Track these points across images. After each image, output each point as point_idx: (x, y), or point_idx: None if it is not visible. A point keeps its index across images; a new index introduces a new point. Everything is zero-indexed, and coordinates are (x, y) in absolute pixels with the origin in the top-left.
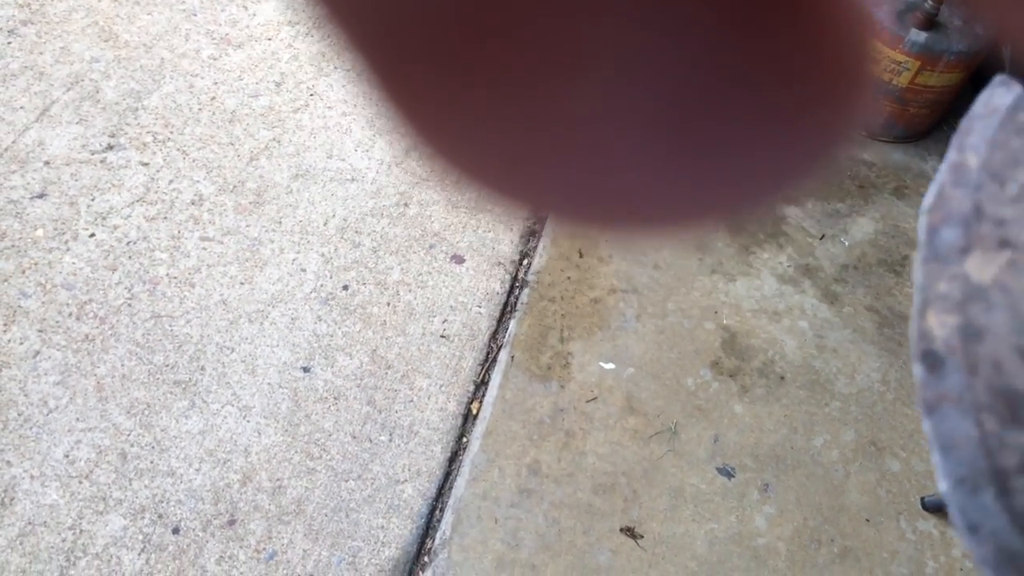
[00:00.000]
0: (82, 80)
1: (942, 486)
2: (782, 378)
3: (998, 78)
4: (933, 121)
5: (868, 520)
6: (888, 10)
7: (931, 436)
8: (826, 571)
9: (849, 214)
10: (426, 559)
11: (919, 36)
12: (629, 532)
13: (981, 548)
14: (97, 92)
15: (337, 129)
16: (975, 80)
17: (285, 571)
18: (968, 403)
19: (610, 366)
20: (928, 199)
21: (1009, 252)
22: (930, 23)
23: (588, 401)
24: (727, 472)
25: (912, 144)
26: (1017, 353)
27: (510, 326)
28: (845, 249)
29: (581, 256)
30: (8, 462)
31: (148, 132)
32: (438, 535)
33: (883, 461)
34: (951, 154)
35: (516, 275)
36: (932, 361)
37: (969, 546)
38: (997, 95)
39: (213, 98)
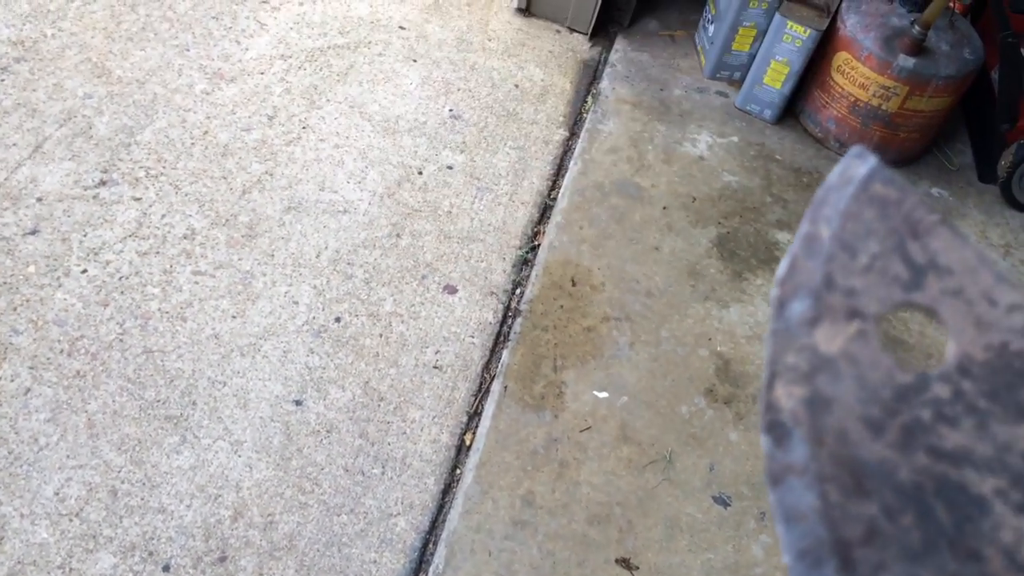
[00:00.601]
0: (75, 116)
1: (785, 559)
2: None
3: (854, 149)
4: (924, 145)
5: None
6: (877, 36)
7: (775, 509)
8: None
9: None
10: None
11: (907, 62)
12: (624, 563)
13: None
14: (90, 128)
15: (329, 161)
16: (964, 103)
17: None
18: (813, 474)
19: (604, 395)
20: (780, 270)
21: (858, 322)
22: (918, 49)
23: (582, 431)
24: (723, 501)
25: (903, 168)
26: (863, 422)
27: (503, 356)
28: None
29: (574, 284)
30: None
31: (141, 167)
32: (431, 569)
33: None
34: (804, 225)
35: (509, 304)
36: (779, 433)
37: None
38: (852, 166)
39: (206, 132)
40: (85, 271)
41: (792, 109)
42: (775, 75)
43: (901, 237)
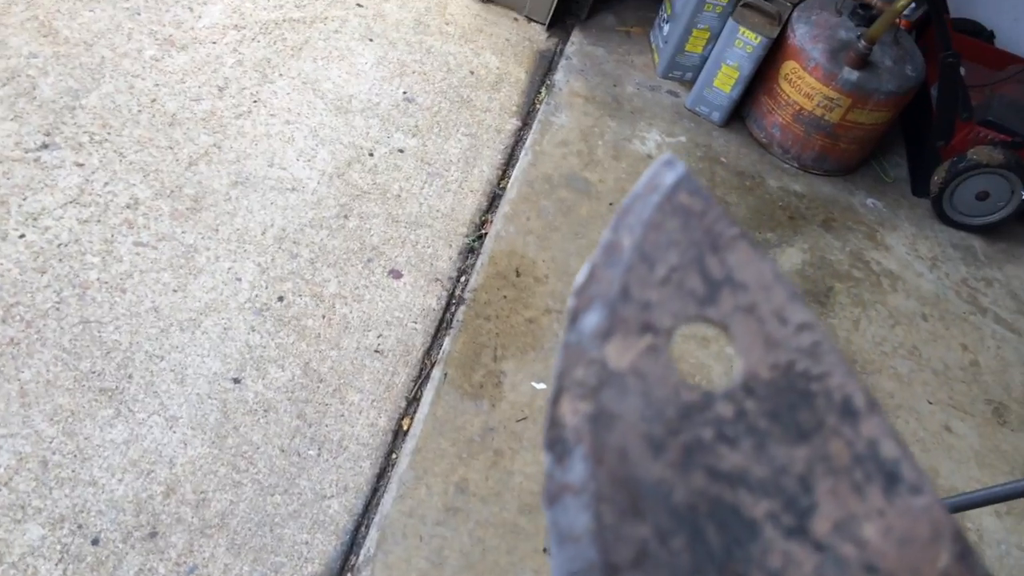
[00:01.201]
0: (19, 76)
1: None
2: None
3: (664, 157)
4: (862, 156)
5: None
6: (824, 48)
7: (550, 529)
8: None
9: (779, 244)
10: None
11: (852, 75)
12: None
13: None
14: (34, 89)
15: (280, 137)
16: (903, 118)
17: None
18: (590, 494)
19: (542, 386)
20: (578, 280)
21: (650, 336)
22: (863, 63)
23: (518, 421)
24: None
25: (841, 178)
26: (645, 441)
27: (444, 343)
28: None
29: (518, 275)
30: None
31: (85, 132)
32: (362, 552)
33: None
34: (606, 234)
35: (453, 292)
36: (560, 450)
37: None
38: (660, 173)
39: (154, 100)
40: (23, 236)
41: (740, 113)
42: (725, 79)
43: (700, 250)
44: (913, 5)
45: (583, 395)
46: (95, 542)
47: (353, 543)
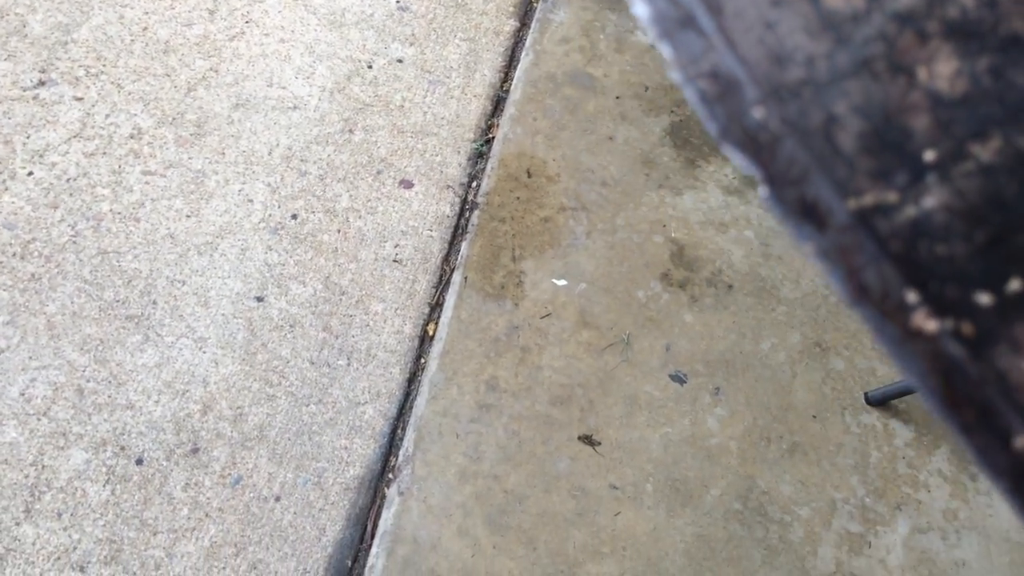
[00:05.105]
0: (7, 14)
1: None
2: (730, 287)
3: None
4: None
5: (815, 416)
6: None
7: None
8: (776, 466)
9: None
10: (391, 475)
11: None
12: (587, 440)
13: (696, 68)
14: (24, 26)
15: (276, 56)
16: None
17: (252, 494)
18: None
19: (562, 283)
20: None
21: None
22: None
23: (542, 317)
24: (679, 378)
25: None
26: None
27: (462, 248)
28: None
29: (529, 176)
30: None
31: (80, 66)
32: (401, 452)
33: (828, 361)
34: None
35: (465, 197)
36: None
37: (680, 77)
38: None
39: (145, 28)
40: (31, 173)
41: None
42: None
43: None
44: None
45: None
46: (139, 462)
47: (391, 445)
